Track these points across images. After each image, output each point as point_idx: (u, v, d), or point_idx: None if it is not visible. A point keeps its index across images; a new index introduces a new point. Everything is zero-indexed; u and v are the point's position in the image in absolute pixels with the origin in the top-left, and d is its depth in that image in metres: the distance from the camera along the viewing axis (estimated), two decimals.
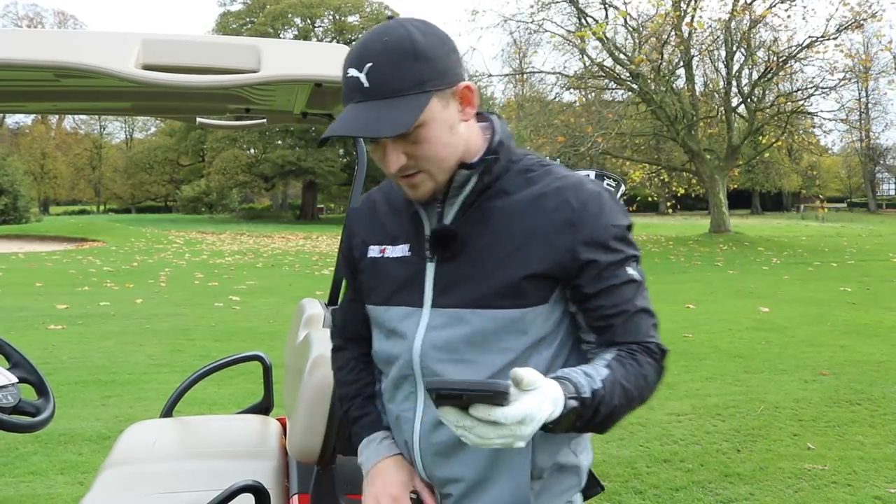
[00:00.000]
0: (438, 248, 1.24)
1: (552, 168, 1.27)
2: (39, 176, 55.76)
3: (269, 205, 54.64)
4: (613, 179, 2.09)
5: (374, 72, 1.12)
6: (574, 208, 1.20)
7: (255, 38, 1.77)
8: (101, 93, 2.19)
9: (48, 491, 3.73)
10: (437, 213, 1.25)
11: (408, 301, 1.26)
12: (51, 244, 25.43)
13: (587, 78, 24.95)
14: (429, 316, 1.24)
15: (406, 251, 1.28)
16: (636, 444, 4.37)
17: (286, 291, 11.77)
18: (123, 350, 7.21)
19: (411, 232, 1.29)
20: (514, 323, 1.20)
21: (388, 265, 1.30)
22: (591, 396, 1.09)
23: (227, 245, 24.58)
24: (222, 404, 5.10)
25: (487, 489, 1.25)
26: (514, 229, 1.21)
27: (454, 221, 1.24)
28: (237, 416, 2.93)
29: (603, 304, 1.21)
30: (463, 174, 1.22)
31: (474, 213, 1.24)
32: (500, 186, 1.24)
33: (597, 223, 1.20)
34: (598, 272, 1.20)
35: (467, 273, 1.22)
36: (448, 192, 1.24)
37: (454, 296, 1.22)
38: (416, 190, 1.21)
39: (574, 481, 1.33)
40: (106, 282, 13.37)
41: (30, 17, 56.05)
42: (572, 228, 1.19)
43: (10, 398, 1.91)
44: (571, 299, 1.24)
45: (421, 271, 1.26)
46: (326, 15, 47.21)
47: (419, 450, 1.28)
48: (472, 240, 1.22)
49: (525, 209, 1.22)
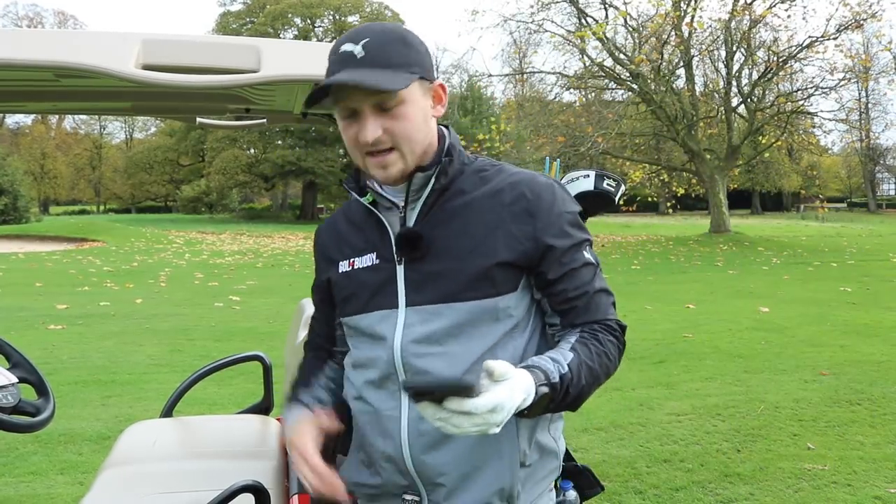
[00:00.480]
0: (406, 250, 1.29)
1: (503, 166, 1.37)
2: (39, 176, 55.78)
3: (269, 205, 54.66)
4: (613, 179, 2.09)
5: (369, 45, 1.21)
6: (529, 199, 1.29)
7: (255, 38, 1.77)
8: (101, 93, 2.19)
9: (48, 491, 3.74)
10: (399, 219, 1.33)
11: (383, 304, 1.32)
12: (51, 244, 25.45)
13: (587, 78, 24.96)
14: (405, 315, 1.29)
15: (374, 259, 1.34)
16: (636, 444, 4.38)
17: (286, 291, 11.78)
18: (123, 350, 7.22)
19: (377, 240, 1.35)
20: (488, 312, 1.27)
21: (359, 275, 1.35)
22: (560, 381, 1.16)
23: (227, 245, 24.60)
24: (222, 404, 5.11)
25: (477, 478, 1.29)
26: (477, 224, 1.29)
27: (416, 224, 1.31)
28: (237, 416, 2.93)
29: (565, 288, 1.30)
30: (420, 177, 1.30)
31: (436, 213, 1.31)
32: (458, 186, 1.32)
33: (551, 211, 1.29)
34: (557, 257, 1.29)
35: (437, 270, 1.28)
36: (408, 198, 1.31)
37: (427, 293, 1.28)
38: (387, 170, 1.27)
39: (554, 465, 1.40)
40: (106, 282, 13.38)
41: (30, 17, 56.12)
42: (531, 218, 1.28)
43: (10, 398, 1.91)
44: (536, 286, 1.32)
45: (392, 275, 1.31)
46: (326, 15, 47.24)
47: (408, 445, 1.30)
48: (437, 239, 1.29)
49: (484, 205, 1.30)
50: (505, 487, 1.30)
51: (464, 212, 1.30)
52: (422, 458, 1.30)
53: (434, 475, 1.30)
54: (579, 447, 4.31)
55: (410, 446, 1.30)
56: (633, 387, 5.66)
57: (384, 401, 1.33)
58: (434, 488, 1.31)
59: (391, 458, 1.32)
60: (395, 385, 1.31)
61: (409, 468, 1.31)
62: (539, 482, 1.37)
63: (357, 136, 1.25)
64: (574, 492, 1.71)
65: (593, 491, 1.76)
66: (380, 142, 1.24)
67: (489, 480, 1.29)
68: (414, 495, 1.33)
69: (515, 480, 1.30)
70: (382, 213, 1.34)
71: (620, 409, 5.10)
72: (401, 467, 1.32)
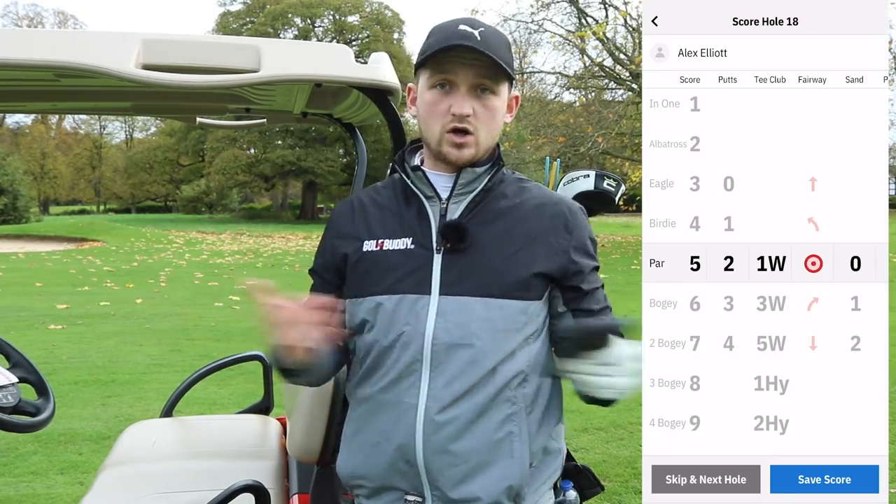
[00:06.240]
0: (452, 241, 1.33)
1: (536, 183, 1.47)
2: (39, 176, 55.75)
3: (269, 205, 54.65)
4: (613, 179, 2.10)
5: (485, 34, 1.30)
6: (568, 217, 1.38)
7: (255, 38, 1.77)
8: (101, 93, 2.19)
9: (48, 491, 3.74)
10: (440, 209, 1.36)
11: (414, 289, 1.33)
12: (51, 244, 25.43)
13: (587, 78, 24.96)
14: (437, 303, 1.31)
15: (409, 244, 1.36)
16: (636, 444, 4.37)
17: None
18: (123, 350, 7.21)
19: (415, 226, 1.37)
20: (519, 314, 1.32)
21: (389, 257, 1.36)
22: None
23: (227, 245, 24.58)
24: (222, 404, 5.11)
25: (488, 471, 1.30)
26: (519, 230, 1.35)
27: (461, 218, 1.36)
28: (237, 416, 2.93)
29: (589, 306, 1.38)
30: (469, 172, 1.35)
31: (480, 211, 1.36)
32: (501, 190, 1.39)
33: (582, 233, 1.39)
34: (583, 277, 1.37)
35: (475, 265, 1.32)
36: (452, 191, 1.36)
37: (462, 285, 1.31)
38: (462, 150, 1.33)
39: (557, 464, 1.43)
40: (106, 282, 13.38)
41: (30, 17, 56.09)
42: (569, 234, 1.36)
43: (10, 398, 1.91)
44: (564, 300, 1.38)
45: (427, 262, 1.33)
46: (326, 15, 47.21)
47: (422, 434, 1.29)
48: (479, 235, 1.34)
49: (527, 213, 1.37)
50: (514, 485, 1.31)
51: (507, 216, 1.36)
52: (435, 449, 1.29)
53: (446, 466, 1.29)
54: (579, 447, 4.30)
55: (425, 435, 1.29)
56: None
57: (404, 389, 1.31)
58: (440, 484, 1.30)
59: (400, 450, 1.31)
60: (416, 371, 1.30)
61: (419, 462, 1.30)
62: (542, 483, 1.40)
63: (450, 107, 1.31)
64: (574, 492, 1.72)
65: (593, 491, 1.77)
66: (466, 119, 1.31)
67: (500, 474, 1.30)
68: (417, 496, 1.32)
69: (524, 481, 1.32)
70: (426, 200, 1.38)
71: (620, 409, 5.07)
72: (409, 461, 1.30)
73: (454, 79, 1.31)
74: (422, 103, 1.36)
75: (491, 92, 1.32)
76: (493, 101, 1.33)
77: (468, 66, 1.29)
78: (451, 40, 1.28)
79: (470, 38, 1.27)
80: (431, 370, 1.29)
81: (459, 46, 1.27)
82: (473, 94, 1.31)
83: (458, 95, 1.31)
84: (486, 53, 1.27)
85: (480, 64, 1.29)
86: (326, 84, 1.78)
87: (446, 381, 1.29)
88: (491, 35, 1.31)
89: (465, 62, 1.29)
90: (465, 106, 1.30)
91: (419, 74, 1.37)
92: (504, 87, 1.34)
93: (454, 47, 1.27)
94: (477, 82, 1.31)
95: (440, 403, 1.29)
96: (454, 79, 1.31)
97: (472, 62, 1.29)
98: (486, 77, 1.31)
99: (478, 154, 1.35)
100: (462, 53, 1.28)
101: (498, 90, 1.33)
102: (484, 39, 1.28)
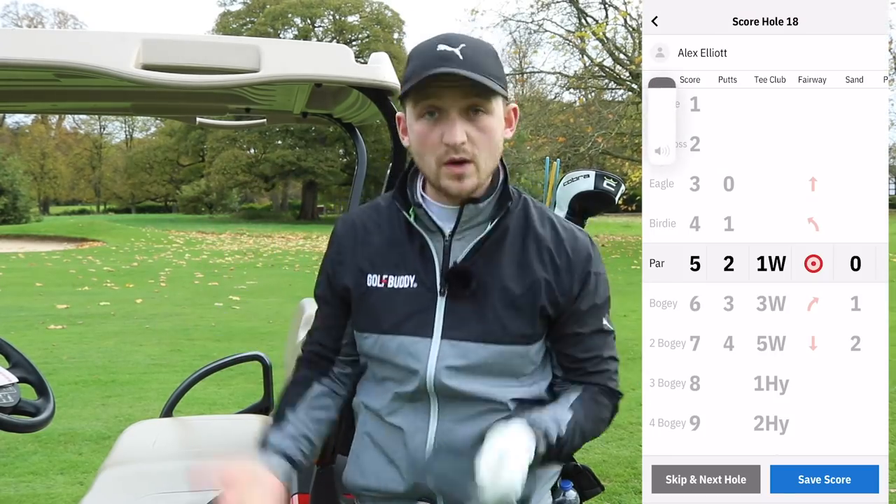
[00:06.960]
0: (456, 287, 1.28)
1: (541, 208, 1.38)
2: (39, 176, 55.77)
3: (269, 205, 54.65)
4: (613, 179, 2.10)
5: (466, 51, 1.20)
6: (570, 257, 1.32)
7: (255, 38, 1.77)
8: (101, 93, 2.19)
9: (48, 491, 3.74)
10: (443, 246, 1.30)
11: (417, 332, 1.30)
12: (51, 244, 25.44)
13: (587, 78, 24.95)
14: (439, 346, 1.29)
15: (412, 282, 1.31)
16: (636, 444, 4.37)
17: (286, 291, 11.77)
18: (123, 350, 7.22)
19: (418, 264, 1.31)
20: (520, 356, 1.31)
21: (393, 296, 1.31)
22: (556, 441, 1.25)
23: (227, 245, 24.58)
24: (222, 404, 5.11)
25: None
26: (524, 271, 1.30)
27: (467, 259, 1.30)
28: (237, 416, 2.93)
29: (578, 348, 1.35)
30: (471, 209, 1.28)
31: (485, 252, 1.30)
32: (505, 223, 1.32)
33: (586, 270, 1.33)
34: (580, 317, 1.33)
35: (478, 310, 1.28)
36: (456, 227, 1.30)
37: (465, 330, 1.28)
38: (463, 182, 1.24)
39: (557, 467, 1.47)
40: (106, 282, 13.38)
41: (30, 17, 56.12)
42: (569, 275, 1.31)
43: (10, 398, 1.91)
44: (551, 339, 1.36)
45: (431, 305, 1.30)
46: (326, 15, 47.22)
47: (433, 453, 1.31)
48: (484, 278, 1.29)
49: (531, 251, 1.31)
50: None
51: (510, 253, 1.31)
52: (444, 470, 1.30)
53: (455, 485, 1.30)
54: None
55: (436, 455, 1.30)
56: (634, 387, 5.63)
57: (412, 413, 1.33)
58: (449, 496, 1.32)
59: (411, 469, 1.32)
60: (424, 400, 1.31)
61: (430, 481, 1.31)
62: (544, 485, 1.42)
63: (442, 136, 1.21)
64: (574, 492, 1.71)
65: (593, 491, 1.77)
66: (461, 148, 1.21)
67: None
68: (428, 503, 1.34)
69: (530, 488, 1.31)
70: (428, 236, 1.31)
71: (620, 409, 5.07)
72: (419, 479, 1.32)
73: (441, 104, 1.21)
74: (412, 135, 1.26)
75: (483, 112, 1.22)
76: (488, 120, 1.23)
77: (454, 89, 1.19)
78: (430, 66, 1.18)
79: (451, 60, 1.17)
80: (439, 399, 1.30)
81: (440, 74, 1.17)
82: (465, 117, 1.21)
83: (449, 122, 1.21)
84: (470, 75, 1.17)
85: (468, 83, 1.18)
86: (326, 84, 1.78)
87: (453, 409, 1.31)
88: (474, 50, 1.20)
89: (450, 85, 1.19)
90: (457, 134, 1.20)
91: (405, 104, 1.27)
92: (497, 104, 1.24)
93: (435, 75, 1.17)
94: (467, 104, 1.21)
95: (449, 425, 1.30)
96: (441, 104, 1.21)
97: (458, 83, 1.18)
98: (475, 97, 1.21)
99: (480, 180, 1.26)
100: (445, 78, 1.18)
101: (491, 108, 1.23)
102: (467, 58, 1.18)
